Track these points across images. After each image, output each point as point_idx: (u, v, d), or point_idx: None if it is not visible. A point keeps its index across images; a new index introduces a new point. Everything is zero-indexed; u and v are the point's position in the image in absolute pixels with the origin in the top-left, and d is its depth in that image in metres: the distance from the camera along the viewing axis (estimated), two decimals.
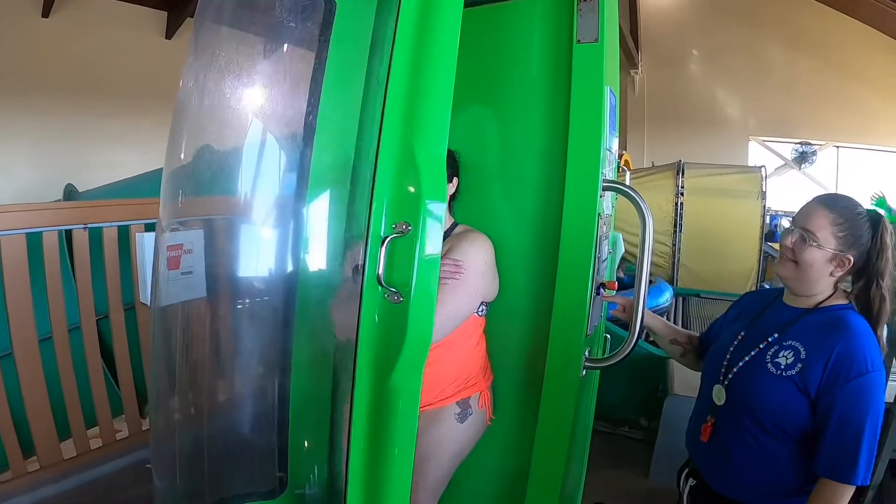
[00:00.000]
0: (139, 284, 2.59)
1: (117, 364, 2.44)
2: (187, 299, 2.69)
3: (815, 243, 1.16)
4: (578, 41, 1.24)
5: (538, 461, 1.32)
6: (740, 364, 1.24)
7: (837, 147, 10.47)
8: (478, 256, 1.34)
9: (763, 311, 1.31)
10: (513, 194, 1.50)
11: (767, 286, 6.40)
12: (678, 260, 5.43)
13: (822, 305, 1.21)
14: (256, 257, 1.24)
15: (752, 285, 5.53)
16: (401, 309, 0.93)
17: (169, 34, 8.62)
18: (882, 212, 1.22)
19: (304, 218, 1.20)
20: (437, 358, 1.30)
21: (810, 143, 10.52)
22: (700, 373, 1.44)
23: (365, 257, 0.93)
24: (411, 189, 0.93)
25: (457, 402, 1.37)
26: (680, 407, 2.44)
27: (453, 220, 1.47)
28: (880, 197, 3.51)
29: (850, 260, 1.17)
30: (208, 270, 1.21)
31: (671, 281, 5.27)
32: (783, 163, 11.00)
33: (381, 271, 0.92)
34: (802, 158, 11.03)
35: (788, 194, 9.62)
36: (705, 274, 5.46)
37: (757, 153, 11.55)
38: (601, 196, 1.33)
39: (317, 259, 1.21)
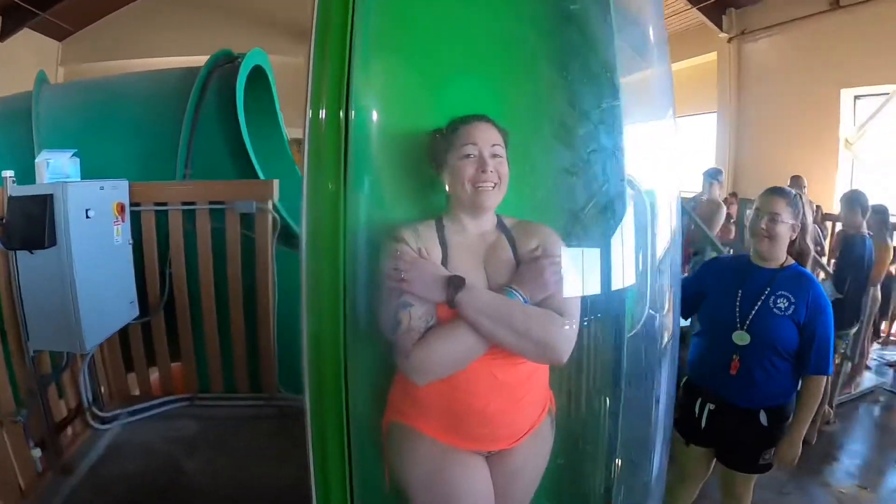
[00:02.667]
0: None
1: None
2: None
3: (782, 221, 1.68)
4: None
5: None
6: (752, 313, 1.70)
7: None
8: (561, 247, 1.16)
9: (746, 274, 1.76)
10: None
11: None
12: None
13: (785, 265, 1.74)
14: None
15: None
16: None
17: None
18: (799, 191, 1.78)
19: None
20: (545, 371, 1.24)
21: None
22: None
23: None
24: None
25: (548, 411, 1.27)
26: None
27: (495, 214, 1.20)
28: None
29: (798, 226, 1.71)
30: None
31: None
32: None
33: None
34: None
35: None
36: None
37: None
38: None
39: None
